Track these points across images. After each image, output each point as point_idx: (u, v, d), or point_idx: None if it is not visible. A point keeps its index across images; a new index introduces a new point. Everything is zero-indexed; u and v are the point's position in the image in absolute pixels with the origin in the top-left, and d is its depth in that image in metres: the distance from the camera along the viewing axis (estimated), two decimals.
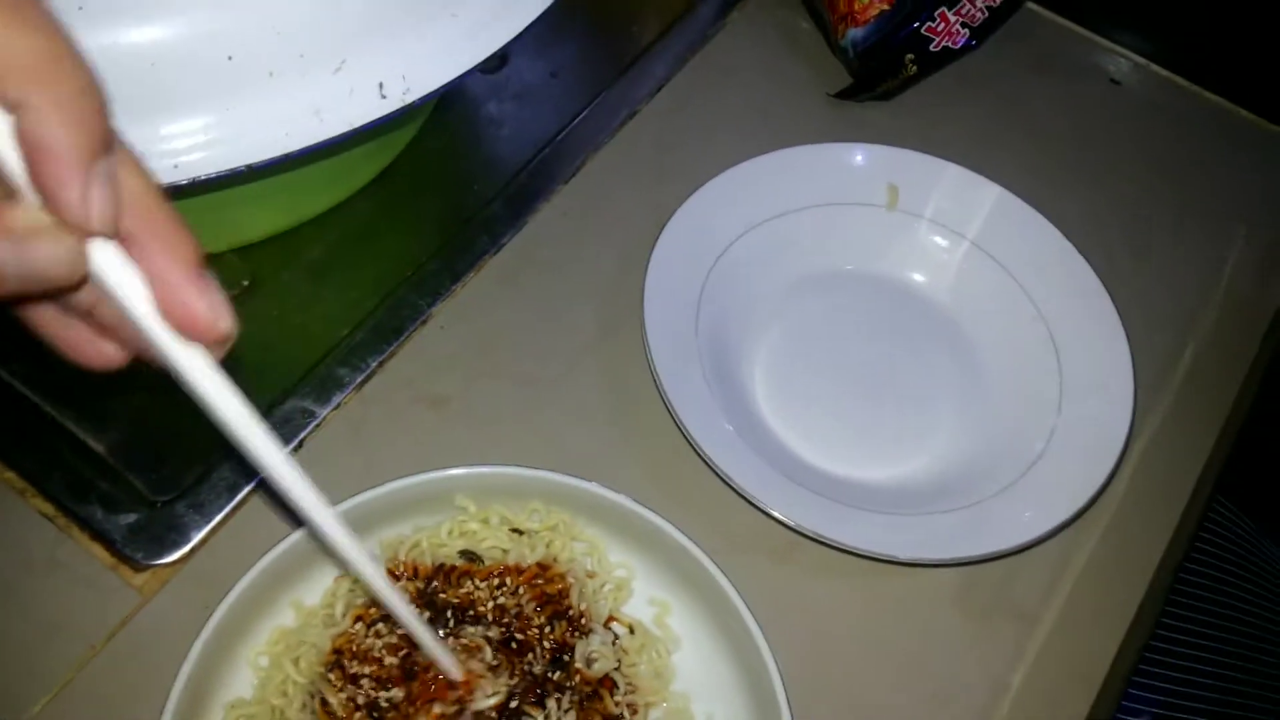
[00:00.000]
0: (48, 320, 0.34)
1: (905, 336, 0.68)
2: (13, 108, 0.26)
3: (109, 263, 0.29)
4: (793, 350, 0.68)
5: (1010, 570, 0.61)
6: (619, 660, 0.53)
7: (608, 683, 0.52)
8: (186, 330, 0.31)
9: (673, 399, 0.59)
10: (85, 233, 0.28)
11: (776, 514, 0.57)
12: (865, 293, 0.70)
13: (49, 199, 0.27)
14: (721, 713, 0.53)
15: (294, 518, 0.42)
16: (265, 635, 0.53)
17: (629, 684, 0.52)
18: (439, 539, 0.55)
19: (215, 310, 0.31)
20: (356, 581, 0.54)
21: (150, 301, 0.31)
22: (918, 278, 0.70)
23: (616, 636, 0.54)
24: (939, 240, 0.69)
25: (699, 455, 0.58)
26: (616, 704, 0.51)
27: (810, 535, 0.57)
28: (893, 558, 0.58)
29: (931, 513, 0.61)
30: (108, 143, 0.28)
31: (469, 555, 0.54)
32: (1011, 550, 0.58)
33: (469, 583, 0.53)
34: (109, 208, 0.28)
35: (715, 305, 0.65)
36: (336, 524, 0.41)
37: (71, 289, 0.30)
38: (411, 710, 0.48)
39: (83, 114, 0.26)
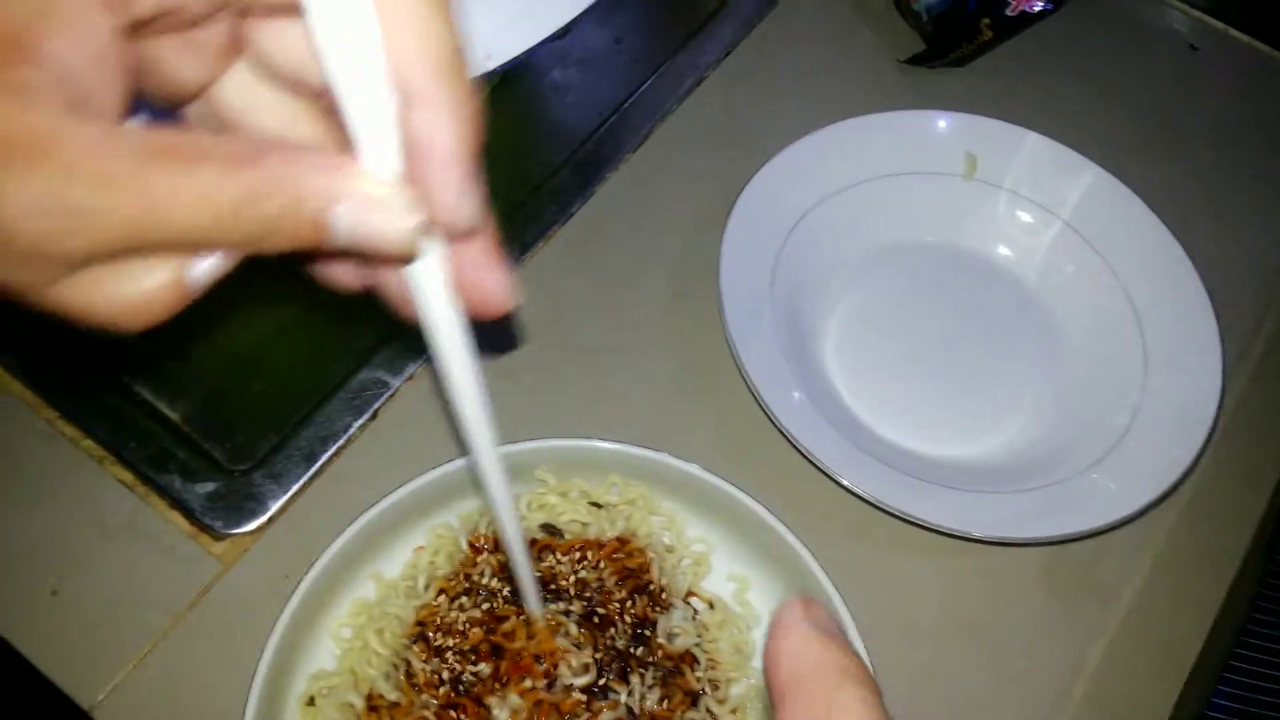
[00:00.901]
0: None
1: (983, 310, 0.67)
2: (410, 98, 0.25)
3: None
4: (867, 322, 0.67)
5: (1094, 550, 0.60)
6: (700, 636, 0.52)
7: (688, 658, 0.52)
8: (477, 304, 0.31)
9: (750, 369, 0.58)
10: (445, 228, 0.28)
11: (854, 487, 0.56)
12: (941, 264, 0.69)
13: (425, 192, 0.26)
14: None
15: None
16: (346, 607, 0.53)
17: (710, 660, 0.52)
18: (519, 512, 0.54)
19: (506, 289, 0.31)
20: (437, 554, 0.53)
21: (446, 271, 0.30)
22: (996, 250, 0.69)
23: (696, 612, 0.54)
24: (1019, 213, 0.68)
25: (776, 427, 0.58)
26: (698, 679, 0.50)
27: (890, 510, 0.56)
28: (973, 535, 0.57)
29: (1013, 491, 0.60)
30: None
31: (550, 529, 0.54)
32: (1096, 531, 0.57)
33: (550, 557, 0.52)
34: (477, 212, 0.28)
35: (790, 275, 0.64)
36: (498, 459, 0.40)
37: (390, 261, 0.29)
38: (498, 685, 0.48)
39: (471, 121, 0.26)
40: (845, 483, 0.56)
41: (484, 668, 0.48)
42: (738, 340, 0.59)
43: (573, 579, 0.52)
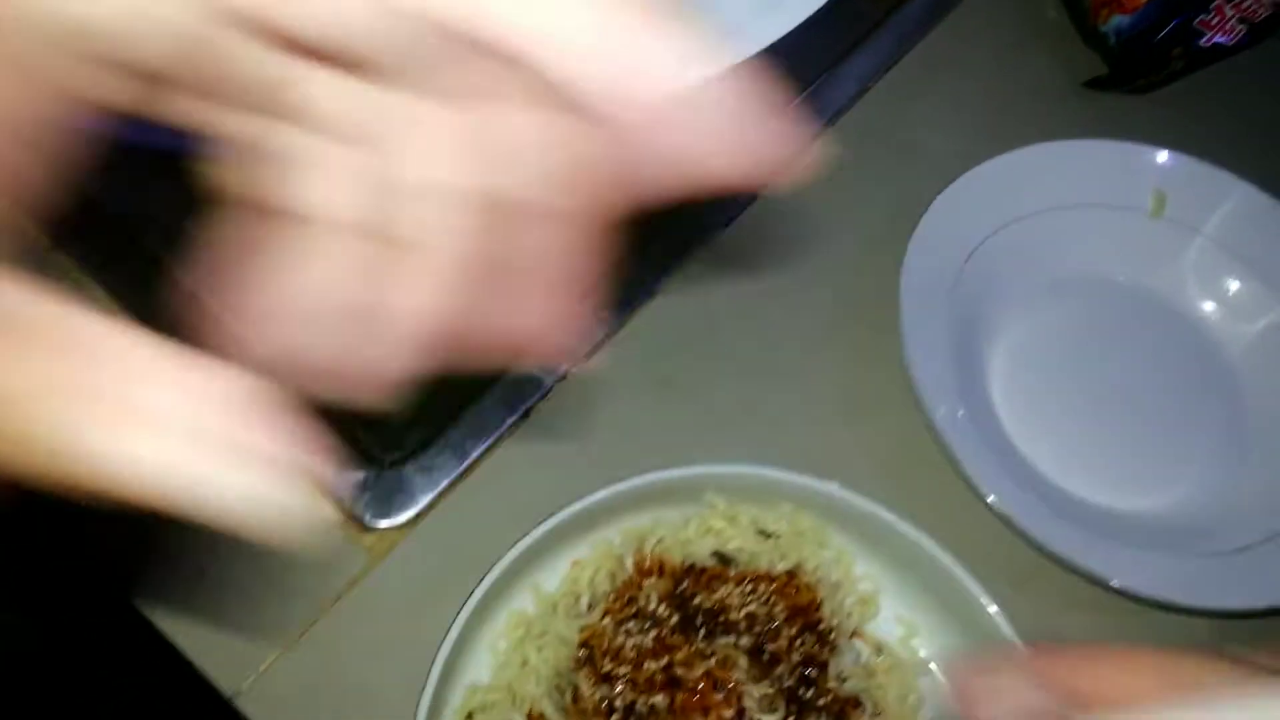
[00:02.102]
0: None
1: (1159, 356, 0.64)
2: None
3: None
4: (1035, 355, 0.64)
5: (1267, 627, 0.57)
6: (867, 680, 0.50)
7: (854, 703, 0.50)
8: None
9: (927, 399, 0.56)
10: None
11: (1030, 532, 0.54)
12: (1119, 303, 0.66)
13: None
14: None
15: None
16: (502, 617, 0.51)
17: (875, 706, 0.50)
18: (686, 535, 0.52)
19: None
20: (598, 571, 0.51)
21: None
22: (1180, 295, 0.65)
23: (859, 655, 0.52)
24: (1210, 261, 0.65)
25: (951, 462, 0.55)
26: None
27: (1068, 564, 0.53)
28: (1144, 595, 0.54)
29: (1185, 553, 0.57)
30: None
31: (721, 558, 0.51)
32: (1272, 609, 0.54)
33: (722, 587, 0.50)
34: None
35: (965, 303, 0.62)
36: None
37: None
38: (671, 718, 0.46)
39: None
40: (1024, 530, 0.54)
41: (660, 699, 0.46)
42: (916, 368, 0.57)
43: (742, 612, 0.50)
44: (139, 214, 0.65)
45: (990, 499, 0.54)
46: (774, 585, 0.51)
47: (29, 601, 0.67)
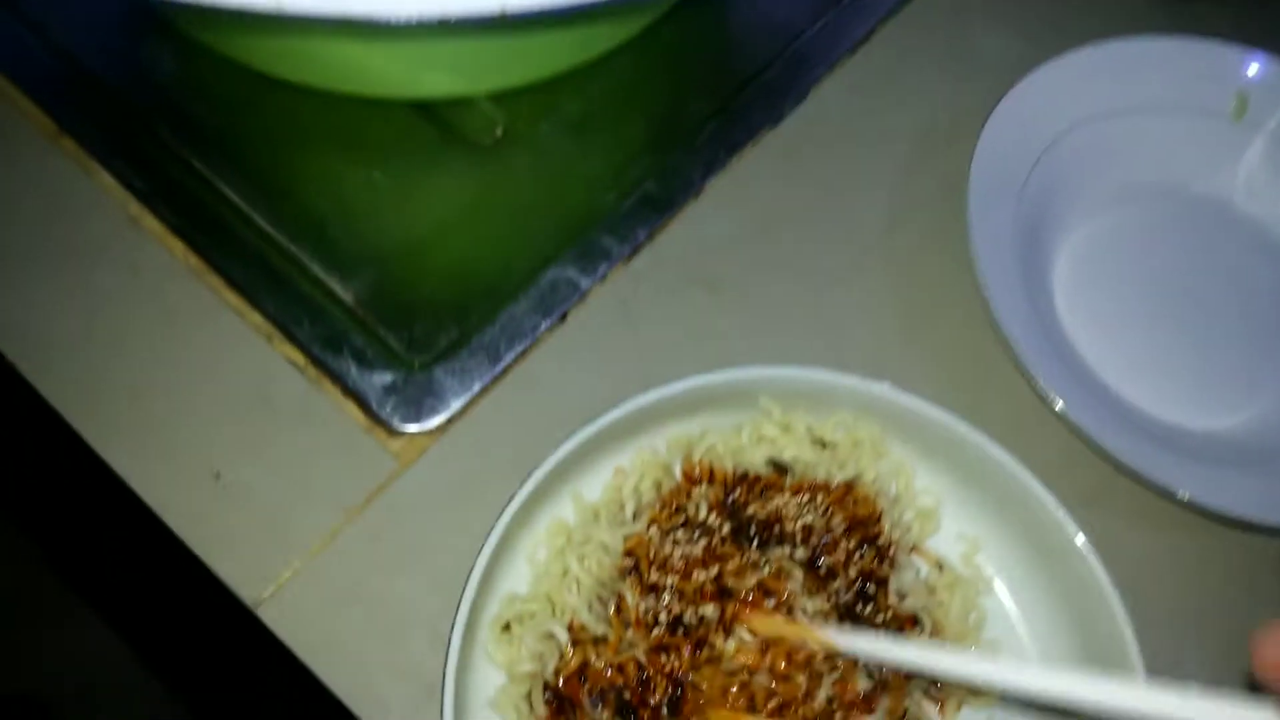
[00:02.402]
0: None
1: (1234, 272, 0.60)
2: None
3: None
4: (1102, 261, 0.60)
5: None
6: (928, 598, 0.47)
7: (910, 622, 0.46)
8: None
9: (997, 305, 0.52)
10: None
11: (1102, 444, 0.50)
12: (1192, 213, 0.61)
13: None
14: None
15: None
16: (542, 526, 0.48)
17: (935, 624, 0.47)
18: (738, 442, 0.49)
19: None
20: (643, 479, 0.48)
21: None
22: (1257, 204, 0.61)
23: (919, 572, 0.48)
24: None
25: (1020, 370, 0.51)
26: None
27: (1142, 477, 0.50)
28: (1215, 509, 0.51)
29: (1259, 472, 0.54)
30: None
31: (778, 466, 0.48)
32: None
33: (777, 497, 0.47)
34: None
35: (1033, 206, 0.58)
36: None
37: None
38: (723, 629, 0.43)
39: None
40: (1093, 439, 0.50)
41: (710, 610, 0.43)
42: (984, 269, 0.53)
43: (798, 523, 0.46)
44: (149, 96, 0.61)
45: (1059, 406, 0.50)
46: (831, 496, 0.48)
47: (33, 512, 0.64)
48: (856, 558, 0.47)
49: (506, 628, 0.45)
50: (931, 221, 0.59)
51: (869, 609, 0.46)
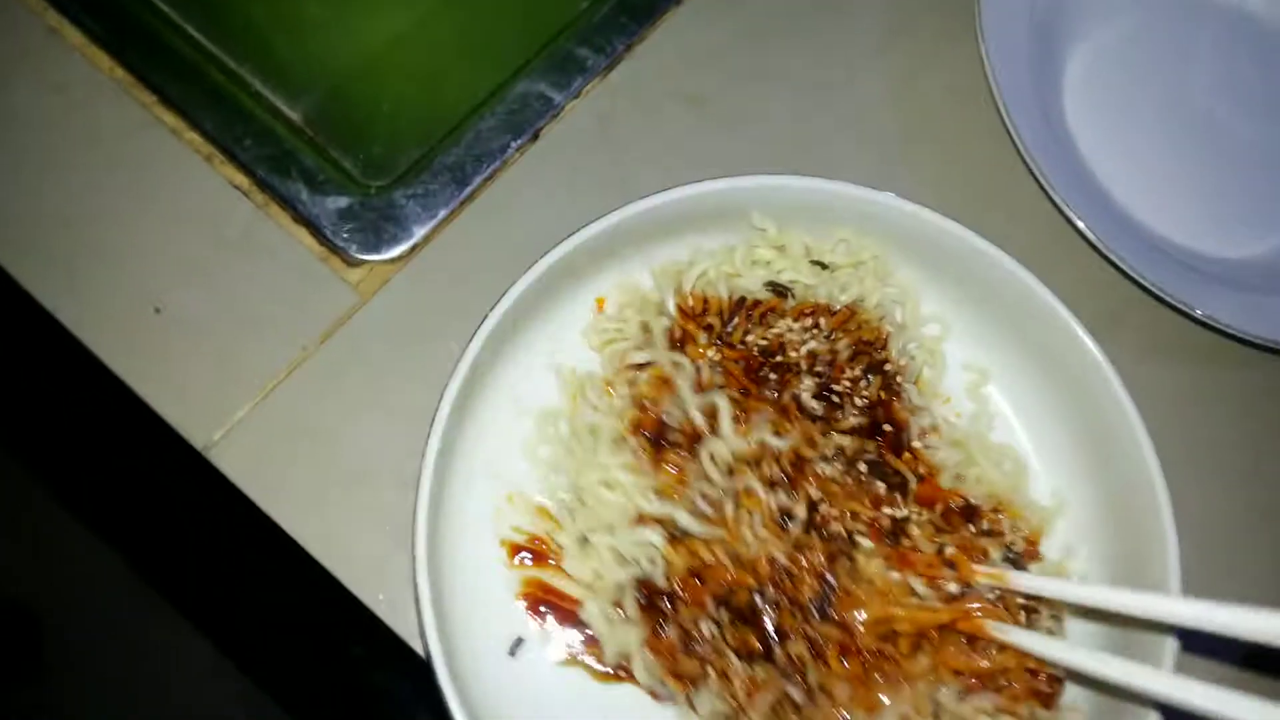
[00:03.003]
0: None
1: (1257, 89, 0.56)
2: None
3: None
4: (1116, 77, 0.55)
5: None
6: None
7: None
8: None
9: (1010, 112, 0.47)
10: None
11: (1126, 266, 0.46)
12: (1214, 23, 0.56)
13: None
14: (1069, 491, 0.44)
15: None
16: (516, 356, 0.44)
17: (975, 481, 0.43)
18: (731, 267, 0.44)
19: None
20: (627, 322, 0.44)
21: None
22: None
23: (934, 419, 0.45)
24: None
25: (1039, 183, 0.47)
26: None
27: (1169, 300, 0.46)
28: (1234, 330, 0.47)
29: None
30: None
31: (777, 289, 0.44)
32: None
33: (779, 322, 0.43)
34: None
35: (1047, 14, 0.52)
36: None
37: None
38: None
39: None
40: (1118, 261, 0.46)
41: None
42: (998, 73, 0.48)
43: (803, 350, 0.42)
44: None
45: (1074, 220, 0.46)
46: (835, 319, 0.43)
47: None
48: (863, 385, 0.43)
49: (584, 540, 0.41)
50: (936, 24, 0.53)
51: (893, 460, 0.42)
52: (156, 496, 0.47)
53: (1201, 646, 0.38)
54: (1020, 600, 0.39)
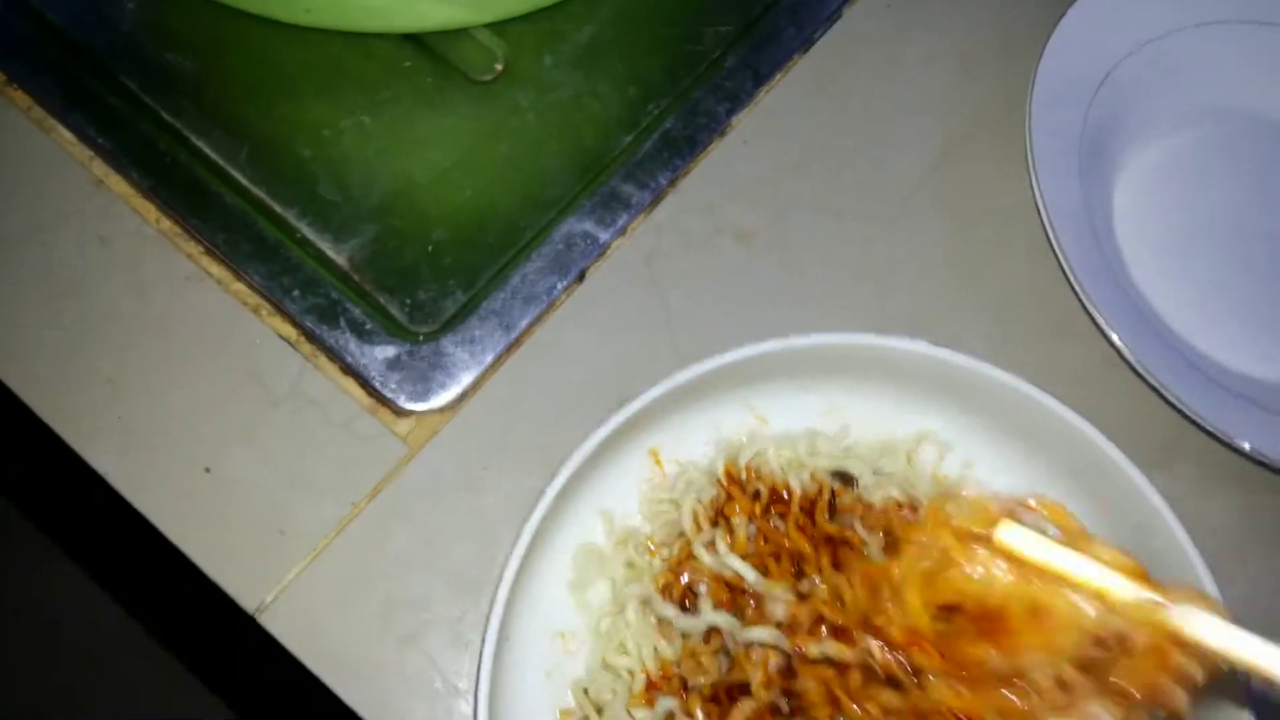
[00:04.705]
0: None
1: None
2: None
3: None
4: (1168, 199, 0.54)
5: None
6: None
7: None
8: None
9: (1068, 252, 0.47)
10: None
11: (1184, 407, 0.45)
12: (1268, 141, 0.56)
13: None
14: None
15: None
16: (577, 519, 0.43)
17: None
18: (793, 453, 0.44)
19: None
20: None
21: None
22: None
23: None
24: None
25: (1092, 319, 0.46)
26: None
27: (1215, 431, 0.45)
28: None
29: None
30: None
31: (843, 477, 0.43)
32: None
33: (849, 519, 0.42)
34: None
35: (1096, 134, 0.52)
36: None
37: None
38: None
39: None
40: (1175, 402, 0.45)
41: None
42: (1050, 205, 0.47)
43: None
44: (110, 41, 0.55)
45: (1125, 353, 0.46)
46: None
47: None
48: None
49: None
50: (982, 157, 0.53)
51: None
52: (210, 657, 0.46)
53: None
54: None
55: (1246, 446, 0.46)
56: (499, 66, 0.56)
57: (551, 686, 0.42)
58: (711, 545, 0.41)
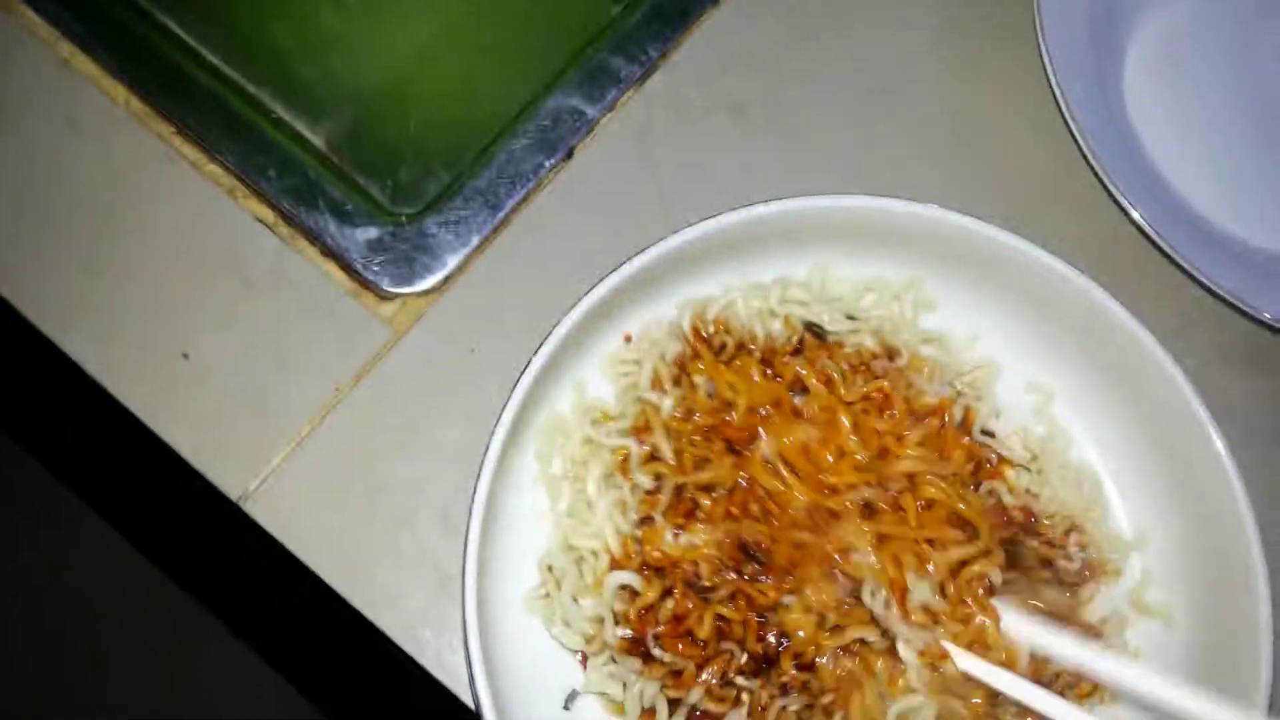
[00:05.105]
0: None
1: None
2: None
3: None
4: (1181, 64, 0.52)
5: None
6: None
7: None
8: None
9: (1080, 120, 0.44)
10: None
11: (1208, 281, 0.43)
12: None
13: None
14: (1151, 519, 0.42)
15: None
16: (559, 396, 0.42)
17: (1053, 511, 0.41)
18: (763, 303, 0.42)
19: None
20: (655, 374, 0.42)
21: None
22: None
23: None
24: None
25: (1105, 185, 0.44)
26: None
27: (1237, 304, 0.44)
28: None
29: None
30: None
31: (814, 330, 0.41)
32: None
33: (820, 360, 0.41)
34: None
35: (1105, 3, 0.49)
36: None
37: None
38: None
39: None
40: (1186, 265, 0.44)
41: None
42: (1062, 77, 0.45)
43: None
44: None
45: (1140, 220, 0.44)
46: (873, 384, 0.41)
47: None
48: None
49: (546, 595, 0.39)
50: (990, 18, 0.51)
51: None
52: (196, 544, 0.45)
53: None
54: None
55: (1268, 316, 0.44)
56: None
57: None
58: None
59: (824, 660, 0.37)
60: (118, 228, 0.46)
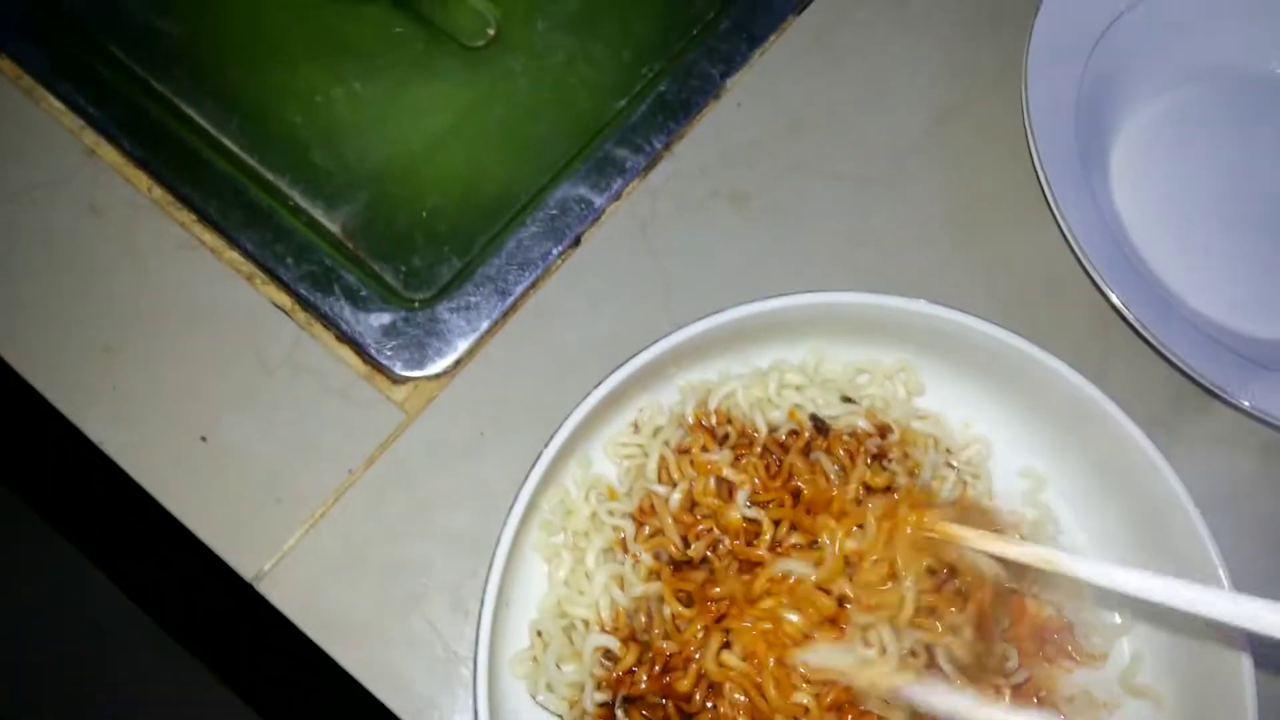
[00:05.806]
0: None
1: None
2: None
3: None
4: (1165, 159, 0.54)
5: None
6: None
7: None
8: None
9: (1064, 208, 0.46)
10: None
11: (1186, 366, 0.45)
12: (1265, 98, 0.55)
13: None
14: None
15: None
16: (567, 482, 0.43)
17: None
18: (762, 391, 0.44)
19: None
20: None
21: None
22: None
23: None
24: None
25: (1091, 278, 0.46)
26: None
27: (1215, 389, 0.45)
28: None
29: None
30: None
31: (817, 423, 0.43)
32: None
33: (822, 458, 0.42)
34: None
35: (1093, 94, 0.51)
36: None
37: None
38: None
39: None
40: (1176, 361, 0.45)
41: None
42: (1049, 169, 0.47)
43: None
44: (98, 8, 0.54)
45: (1125, 311, 0.45)
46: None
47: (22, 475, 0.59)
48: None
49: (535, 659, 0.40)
50: (979, 117, 0.53)
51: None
52: (211, 620, 0.46)
53: None
54: None
55: (1247, 404, 0.46)
56: (491, 31, 0.55)
57: None
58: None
59: None
60: (139, 312, 0.48)
